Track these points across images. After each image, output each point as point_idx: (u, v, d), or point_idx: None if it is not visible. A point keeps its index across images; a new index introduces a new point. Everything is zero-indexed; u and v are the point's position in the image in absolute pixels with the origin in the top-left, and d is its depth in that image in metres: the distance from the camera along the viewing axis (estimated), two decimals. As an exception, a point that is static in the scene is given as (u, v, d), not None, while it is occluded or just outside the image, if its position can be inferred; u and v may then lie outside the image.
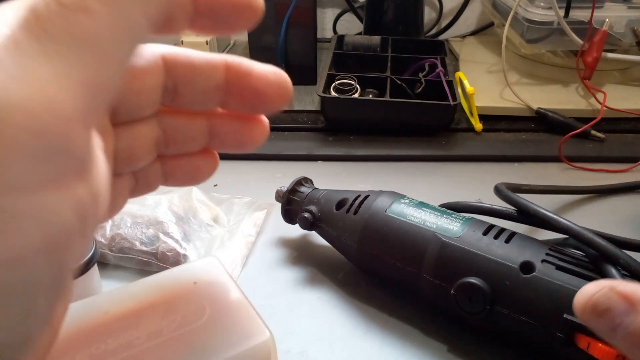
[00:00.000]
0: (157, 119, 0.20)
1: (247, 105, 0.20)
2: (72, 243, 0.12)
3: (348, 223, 0.35)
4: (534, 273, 0.28)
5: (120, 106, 0.18)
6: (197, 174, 0.22)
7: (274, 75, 0.19)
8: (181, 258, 0.36)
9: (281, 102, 0.20)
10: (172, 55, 0.19)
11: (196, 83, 0.19)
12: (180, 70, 0.19)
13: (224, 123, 0.20)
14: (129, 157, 0.19)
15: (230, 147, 0.21)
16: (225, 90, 0.19)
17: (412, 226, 0.33)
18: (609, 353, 0.26)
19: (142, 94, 0.18)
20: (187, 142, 0.21)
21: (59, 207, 0.12)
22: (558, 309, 0.27)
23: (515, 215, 0.34)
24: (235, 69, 0.19)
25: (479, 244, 0.31)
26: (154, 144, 0.20)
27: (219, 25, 0.18)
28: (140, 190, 0.21)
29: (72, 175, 0.12)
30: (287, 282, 0.37)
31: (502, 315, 0.29)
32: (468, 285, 0.29)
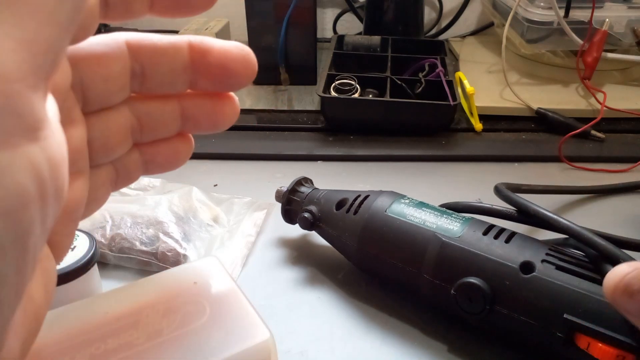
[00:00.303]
0: (128, 107, 0.20)
1: (215, 82, 0.20)
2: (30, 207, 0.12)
3: (348, 223, 0.35)
4: (534, 273, 0.28)
5: (89, 93, 0.18)
6: (176, 158, 0.22)
7: (237, 49, 0.20)
8: (181, 258, 0.36)
9: (247, 76, 0.20)
10: (136, 39, 0.19)
11: (162, 64, 0.19)
12: (145, 53, 0.19)
13: (195, 104, 0.21)
14: (104, 146, 0.19)
15: (204, 127, 0.21)
16: (192, 69, 0.20)
17: (412, 226, 0.33)
18: (609, 353, 0.26)
19: (110, 80, 0.18)
20: (161, 127, 0.21)
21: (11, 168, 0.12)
22: (558, 309, 0.27)
23: (515, 216, 0.34)
24: (198, 47, 0.19)
25: (479, 244, 0.31)
26: (128, 132, 0.20)
27: (178, 7, 0.18)
28: (122, 182, 0.21)
29: (22, 136, 0.12)
30: (287, 282, 0.37)
31: (502, 315, 0.29)
32: (468, 285, 0.29)
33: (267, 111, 0.60)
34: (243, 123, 0.57)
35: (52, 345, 0.23)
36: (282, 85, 0.65)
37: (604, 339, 0.26)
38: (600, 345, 0.26)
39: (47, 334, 0.24)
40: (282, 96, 0.63)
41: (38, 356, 0.23)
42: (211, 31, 0.69)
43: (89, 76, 0.18)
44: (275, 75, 0.65)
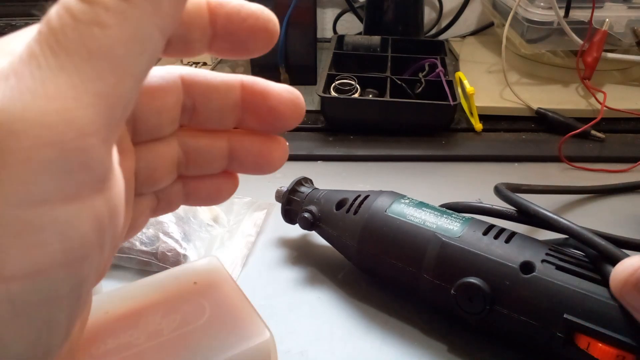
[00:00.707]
0: (177, 140, 0.20)
1: (264, 123, 0.20)
2: (90, 257, 0.12)
3: (348, 223, 0.35)
4: (534, 273, 0.28)
5: (141, 125, 0.18)
6: (218, 195, 0.22)
7: (288, 93, 0.20)
8: (181, 258, 0.36)
9: (295, 119, 0.20)
10: (190, 75, 0.19)
11: (214, 101, 0.20)
12: (198, 89, 0.19)
13: (244, 145, 0.21)
14: (150, 177, 0.19)
15: (249, 168, 0.21)
16: (241, 108, 0.20)
17: (412, 226, 0.33)
18: (609, 353, 0.26)
19: (163, 112, 0.19)
20: (207, 163, 0.21)
21: (78, 221, 0.12)
22: (558, 309, 0.27)
23: (515, 216, 0.34)
24: (251, 87, 0.20)
25: (479, 244, 0.31)
26: (174, 165, 0.20)
27: (236, 49, 0.18)
28: (161, 210, 0.22)
29: (91, 189, 0.12)
30: (287, 282, 0.37)
31: (502, 315, 0.29)
32: (468, 285, 0.29)
33: (267, 111, 0.60)
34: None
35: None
36: (282, 85, 0.65)
37: (604, 339, 0.26)
38: (600, 345, 0.26)
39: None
40: (282, 96, 0.63)
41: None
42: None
43: (143, 108, 0.18)
44: (275, 75, 0.65)
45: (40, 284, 0.12)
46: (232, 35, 0.18)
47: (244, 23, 0.18)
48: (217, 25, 0.17)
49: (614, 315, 0.26)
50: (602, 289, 0.27)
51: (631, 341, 0.25)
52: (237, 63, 0.71)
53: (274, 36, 0.18)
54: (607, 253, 0.28)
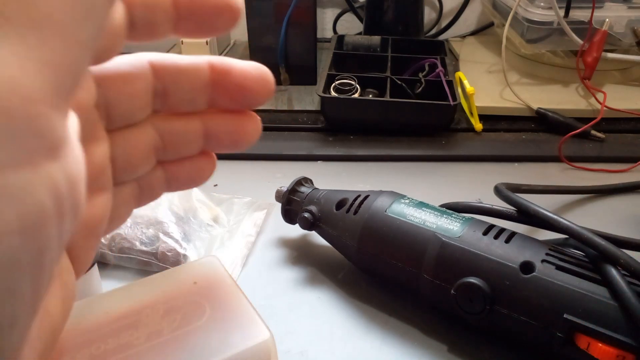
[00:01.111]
0: (152, 125, 0.20)
1: (234, 100, 0.21)
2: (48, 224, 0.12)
3: (348, 223, 0.35)
4: (534, 273, 0.28)
5: (113, 111, 0.19)
6: (199, 176, 0.22)
7: (254, 69, 0.20)
8: (181, 258, 0.36)
9: (264, 94, 0.21)
10: (158, 59, 0.20)
11: (183, 83, 0.20)
12: (168, 72, 0.20)
13: (218, 122, 0.21)
14: (128, 164, 0.20)
15: (226, 145, 0.22)
16: (211, 88, 0.20)
17: (412, 226, 0.33)
18: (609, 353, 0.26)
19: (134, 97, 0.19)
20: (184, 145, 0.21)
21: (32, 187, 0.12)
22: (558, 309, 0.27)
23: (515, 216, 0.34)
24: (218, 67, 0.20)
25: (479, 244, 0.31)
26: (151, 150, 0.20)
27: (201, 28, 0.19)
28: (145, 199, 0.22)
29: (44, 155, 0.12)
30: (287, 282, 0.37)
31: (502, 315, 0.29)
32: (468, 285, 0.29)
33: (267, 111, 0.60)
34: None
35: (52, 345, 0.23)
36: (282, 85, 0.65)
37: (604, 339, 0.26)
38: (600, 345, 0.26)
39: (47, 334, 0.24)
40: (282, 96, 0.63)
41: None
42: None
43: (114, 94, 0.18)
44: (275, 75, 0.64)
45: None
46: (196, 15, 0.18)
47: (207, 1, 0.18)
48: (180, 6, 0.18)
49: (614, 315, 0.26)
50: (602, 289, 0.27)
51: (631, 341, 0.25)
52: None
53: (237, 12, 0.18)
54: (607, 253, 0.28)
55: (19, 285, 0.12)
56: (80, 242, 0.18)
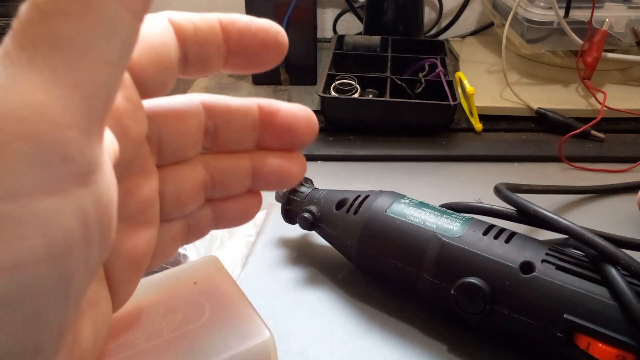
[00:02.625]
0: (202, 163, 0.21)
1: (282, 141, 0.21)
2: (74, 252, 0.12)
3: (348, 223, 0.35)
4: (534, 273, 0.28)
5: (165, 146, 0.19)
6: (245, 214, 0.23)
7: (301, 111, 0.21)
8: (181, 258, 0.36)
9: (310, 135, 0.22)
10: (210, 100, 0.20)
11: (233, 123, 0.21)
12: (219, 112, 0.20)
13: (266, 162, 0.22)
14: (177, 200, 0.20)
15: (273, 184, 0.22)
16: (260, 128, 0.21)
17: (412, 226, 0.33)
18: (609, 353, 0.26)
19: (186, 135, 0.19)
20: (233, 183, 0.22)
21: (61, 214, 0.12)
22: (558, 309, 0.27)
23: (515, 216, 0.34)
24: (267, 108, 0.21)
25: (479, 244, 0.31)
26: (200, 187, 0.21)
27: (250, 63, 0.19)
28: (193, 237, 0.22)
29: (73, 182, 0.12)
30: (287, 282, 0.37)
31: (502, 315, 0.29)
32: (468, 285, 0.29)
33: (267, 111, 0.60)
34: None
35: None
36: (282, 85, 0.65)
37: (603, 339, 0.26)
38: (600, 345, 0.26)
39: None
40: (282, 96, 0.63)
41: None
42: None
43: (167, 130, 0.19)
44: (275, 75, 0.65)
45: (21, 278, 0.11)
46: (246, 50, 0.19)
47: (256, 37, 0.19)
48: (230, 42, 0.18)
49: (614, 315, 0.26)
50: (602, 289, 0.27)
51: (631, 341, 0.25)
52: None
53: (284, 48, 0.20)
54: (607, 253, 0.28)
55: (44, 311, 0.12)
56: (121, 275, 0.18)
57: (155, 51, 0.16)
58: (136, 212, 0.18)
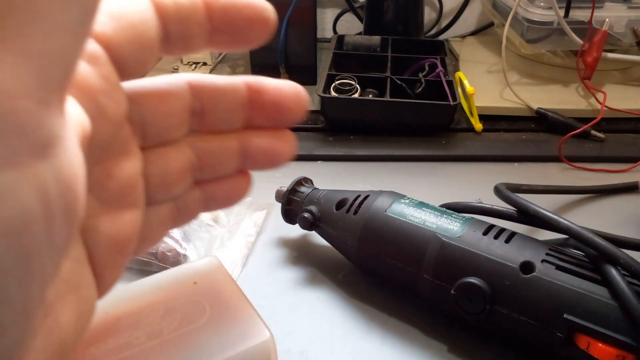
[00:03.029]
0: (188, 144, 0.20)
1: (270, 118, 0.21)
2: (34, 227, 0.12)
3: (348, 223, 0.35)
4: (534, 273, 0.28)
5: (149, 128, 0.19)
6: (236, 195, 0.22)
7: (289, 87, 0.21)
8: (181, 258, 0.36)
9: (299, 111, 0.21)
10: (197, 79, 0.20)
11: (221, 102, 0.20)
12: (205, 91, 0.20)
13: (254, 141, 0.21)
14: (163, 182, 0.20)
15: (262, 163, 0.22)
16: (248, 106, 0.20)
17: (412, 226, 0.33)
18: (609, 353, 0.26)
19: (171, 116, 0.19)
20: (220, 164, 0.21)
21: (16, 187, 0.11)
22: (558, 309, 0.27)
23: (515, 216, 0.34)
24: (255, 85, 0.20)
25: (479, 244, 0.31)
26: (187, 169, 0.20)
27: (236, 40, 0.19)
28: (182, 220, 0.22)
29: (29, 154, 0.11)
30: (287, 282, 0.37)
31: (502, 315, 0.29)
32: (468, 285, 0.29)
33: (267, 111, 0.60)
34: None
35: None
36: (282, 85, 0.65)
37: (603, 339, 0.26)
38: (600, 345, 0.26)
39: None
40: (282, 96, 0.63)
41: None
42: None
43: (150, 111, 0.18)
44: (275, 75, 0.64)
45: None
46: (230, 27, 0.18)
47: (240, 13, 0.18)
48: (214, 19, 0.18)
49: (614, 315, 0.26)
50: (602, 289, 0.27)
51: (631, 341, 0.25)
52: (237, 63, 0.71)
53: (271, 24, 0.18)
54: (607, 253, 0.28)
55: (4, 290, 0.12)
56: (105, 259, 0.17)
57: (134, 29, 0.16)
58: (118, 194, 0.18)
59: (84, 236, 0.17)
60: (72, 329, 0.16)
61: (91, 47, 0.15)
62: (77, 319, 0.16)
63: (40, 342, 0.14)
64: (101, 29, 0.16)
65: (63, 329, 0.15)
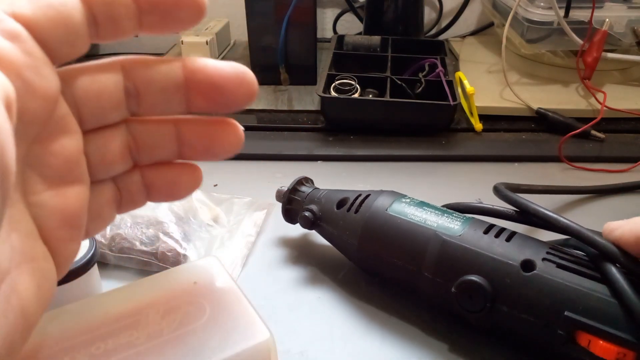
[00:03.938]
0: (126, 126, 0.20)
1: (210, 101, 0.20)
2: None
3: (349, 222, 0.35)
4: (534, 271, 0.28)
5: (83, 110, 0.19)
6: (178, 188, 0.22)
7: (230, 67, 0.19)
8: (181, 258, 0.36)
9: (241, 95, 0.20)
10: (130, 59, 0.19)
11: (155, 82, 0.19)
12: (138, 71, 0.19)
13: (191, 127, 0.21)
14: (102, 161, 0.20)
15: (201, 153, 0.21)
16: (185, 88, 0.20)
17: (413, 225, 0.33)
18: (610, 350, 0.26)
19: (102, 96, 0.19)
20: (157, 148, 0.21)
21: None
22: (559, 307, 0.27)
23: (515, 216, 0.34)
24: (191, 65, 0.19)
25: (479, 242, 0.31)
26: (125, 149, 0.20)
27: (166, 22, 0.18)
28: (126, 204, 0.22)
29: None
30: (287, 282, 0.37)
31: (502, 313, 0.29)
32: (469, 283, 0.29)
33: (267, 111, 0.60)
34: (243, 123, 0.56)
35: (52, 345, 0.23)
36: (282, 85, 0.65)
37: (604, 336, 0.26)
38: (601, 342, 0.26)
39: (47, 333, 0.24)
40: (282, 96, 0.63)
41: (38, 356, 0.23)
42: (211, 31, 0.69)
43: (82, 92, 0.18)
44: (275, 75, 0.65)
45: None
46: (157, 8, 0.18)
47: None
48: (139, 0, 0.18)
49: (614, 312, 0.26)
50: (603, 286, 0.27)
51: (632, 338, 0.25)
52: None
53: (201, 4, 0.18)
54: (607, 251, 0.28)
55: None
56: (56, 232, 0.18)
57: (54, 10, 0.16)
58: (61, 170, 0.18)
59: (32, 211, 0.17)
60: (33, 297, 0.16)
61: (11, 24, 0.15)
62: (38, 289, 0.17)
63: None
64: (20, 10, 0.16)
65: (23, 296, 0.16)
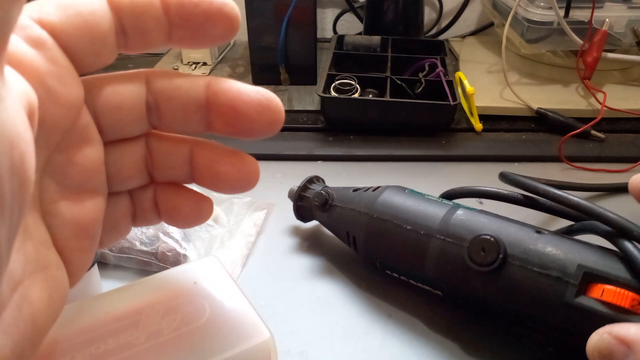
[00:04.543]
0: (145, 141, 0.20)
1: (229, 126, 0.19)
2: None
3: (365, 197, 0.36)
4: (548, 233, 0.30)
5: (102, 121, 0.18)
6: (178, 213, 0.21)
7: (255, 93, 0.18)
8: (181, 258, 0.36)
9: (263, 123, 0.18)
10: (154, 71, 0.19)
11: (175, 98, 0.19)
12: (160, 84, 0.19)
13: (203, 153, 0.20)
14: (119, 173, 0.20)
15: (206, 179, 0.20)
16: (206, 109, 0.19)
17: (431, 199, 0.34)
18: (625, 296, 0.25)
19: (123, 109, 0.19)
20: (170, 167, 0.21)
21: None
22: (572, 259, 0.28)
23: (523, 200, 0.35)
24: (214, 85, 0.19)
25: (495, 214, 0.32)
26: (142, 163, 0.20)
27: (197, 37, 0.18)
28: (139, 219, 0.22)
29: None
30: (287, 282, 0.37)
31: (514, 267, 0.29)
32: (482, 238, 0.30)
33: (267, 111, 0.60)
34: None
35: (52, 345, 0.23)
36: (282, 85, 0.65)
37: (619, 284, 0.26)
38: (615, 289, 0.26)
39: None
40: (282, 96, 0.63)
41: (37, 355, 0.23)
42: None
43: (102, 104, 0.18)
44: (275, 75, 0.65)
45: None
46: (188, 22, 0.17)
47: (198, 8, 0.17)
48: (171, 14, 0.17)
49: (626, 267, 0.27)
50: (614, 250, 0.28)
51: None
52: (237, 63, 0.71)
53: (233, 20, 0.18)
54: (621, 226, 0.28)
55: None
56: (71, 242, 0.18)
57: (82, 18, 0.16)
58: (80, 180, 0.18)
59: (47, 220, 0.17)
60: (45, 306, 0.16)
61: (36, 31, 0.15)
62: (49, 298, 0.16)
63: (9, 315, 0.15)
64: (47, 17, 0.16)
65: (34, 305, 0.16)
